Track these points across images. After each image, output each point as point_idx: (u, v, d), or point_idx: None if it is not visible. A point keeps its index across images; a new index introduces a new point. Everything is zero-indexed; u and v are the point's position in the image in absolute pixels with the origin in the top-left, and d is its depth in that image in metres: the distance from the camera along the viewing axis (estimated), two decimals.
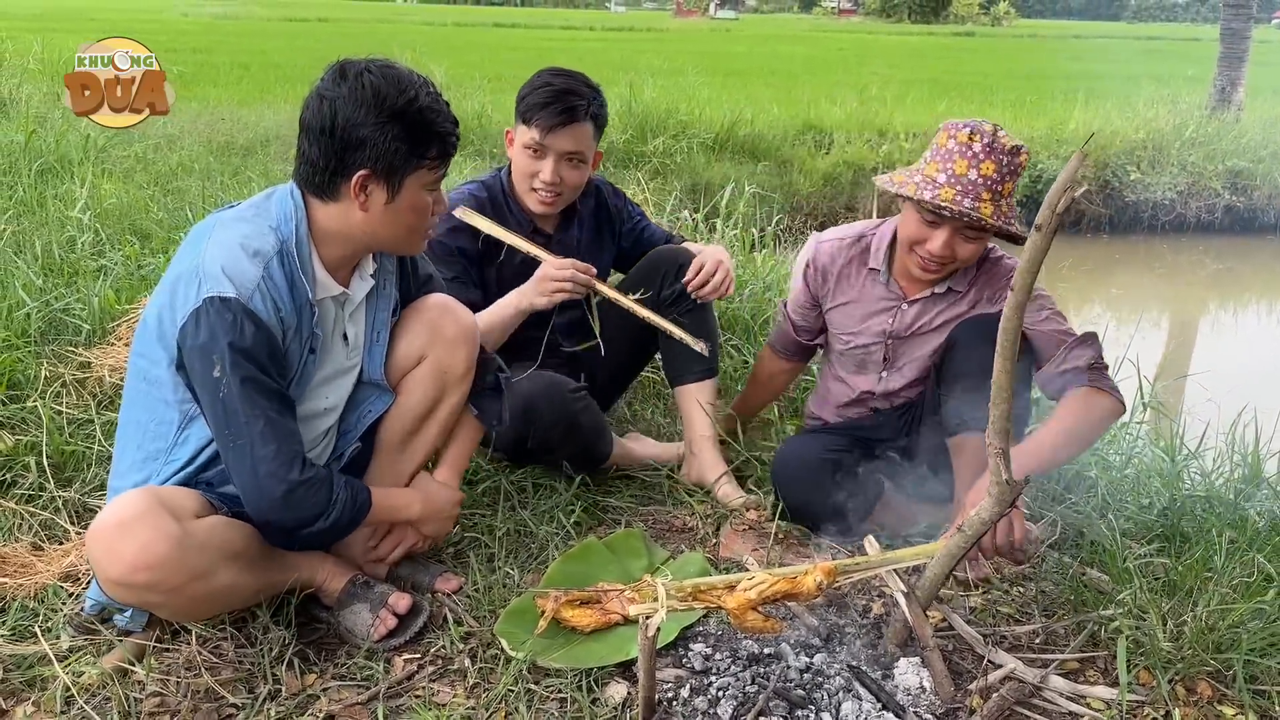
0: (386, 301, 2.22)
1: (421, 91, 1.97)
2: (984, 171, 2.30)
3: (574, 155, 2.73)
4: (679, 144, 9.23)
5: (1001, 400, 1.76)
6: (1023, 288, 1.67)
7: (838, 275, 2.69)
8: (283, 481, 1.88)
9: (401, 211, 2.00)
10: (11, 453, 2.66)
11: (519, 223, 2.82)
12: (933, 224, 2.39)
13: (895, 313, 2.62)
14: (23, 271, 3.64)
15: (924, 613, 2.00)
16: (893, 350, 2.65)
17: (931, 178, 2.35)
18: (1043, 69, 23.69)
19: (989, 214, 2.30)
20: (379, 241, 2.06)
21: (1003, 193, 2.33)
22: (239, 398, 1.86)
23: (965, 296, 2.57)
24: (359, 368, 2.20)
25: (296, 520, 1.93)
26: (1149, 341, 7.30)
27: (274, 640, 2.03)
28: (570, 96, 2.67)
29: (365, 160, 1.93)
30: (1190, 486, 2.98)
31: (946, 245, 2.38)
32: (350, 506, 1.99)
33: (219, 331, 1.85)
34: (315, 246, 2.02)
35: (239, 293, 1.87)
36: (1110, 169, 10.87)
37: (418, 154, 1.95)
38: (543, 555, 2.45)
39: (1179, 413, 3.72)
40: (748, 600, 1.91)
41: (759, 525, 2.67)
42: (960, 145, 2.33)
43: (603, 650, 2.05)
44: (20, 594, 2.19)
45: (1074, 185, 1.54)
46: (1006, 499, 1.85)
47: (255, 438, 1.87)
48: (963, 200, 2.30)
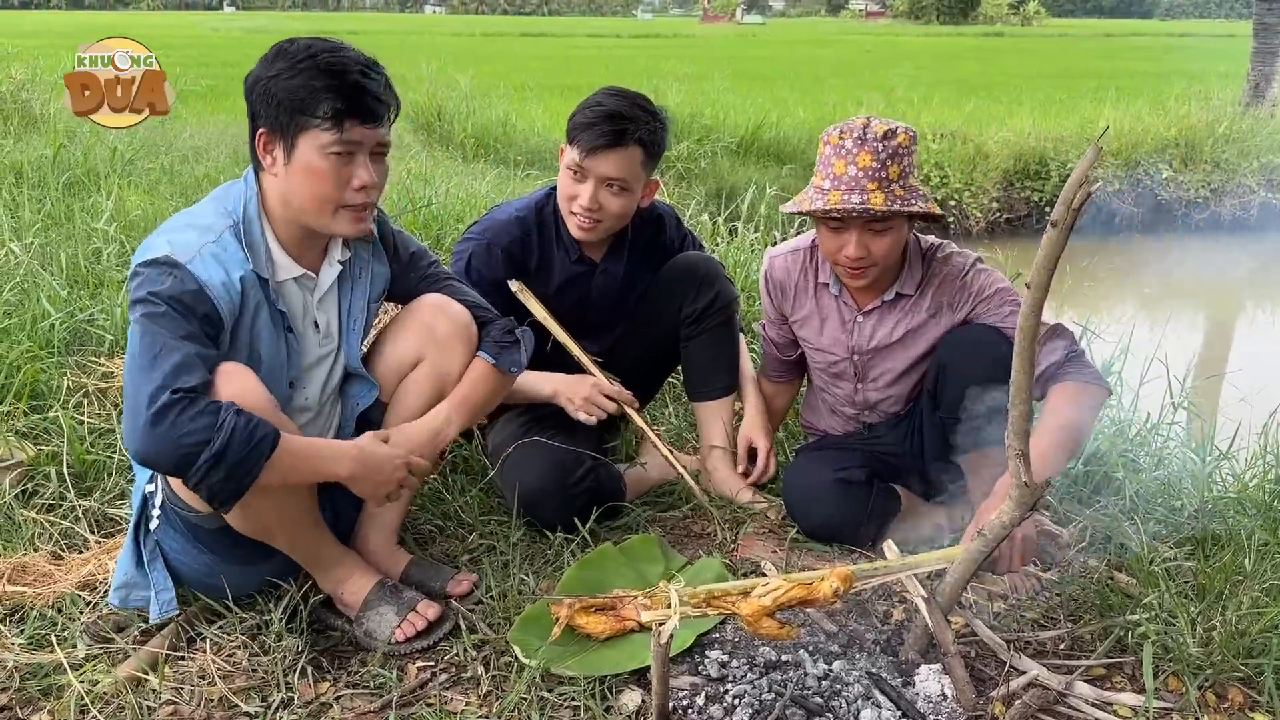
0: (362, 289, 2.19)
1: (328, 53, 1.90)
2: (861, 164, 2.28)
3: (615, 182, 2.56)
4: (703, 148, 9.21)
5: (1020, 401, 1.72)
6: (1040, 284, 1.63)
7: (794, 289, 2.66)
8: (155, 399, 1.72)
9: (296, 174, 1.93)
10: (33, 462, 2.68)
11: (566, 249, 2.71)
12: (839, 230, 2.37)
13: (853, 327, 2.59)
14: (48, 283, 3.68)
15: (945, 618, 1.96)
16: (861, 366, 2.63)
17: (819, 186, 2.34)
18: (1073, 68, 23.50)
19: (879, 202, 2.27)
20: (294, 211, 1.98)
21: (889, 178, 2.29)
22: (138, 330, 1.81)
23: (920, 303, 2.52)
24: (336, 360, 2.18)
25: (174, 448, 1.72)
26: (1182, 341, 7.16)
27: (288, 648, 2.02)
28: (619, 119, 2.51)
29: (262, 117, 1.92)
30: (1222, 488, 2.92)
31: (859, 245, 2.35)
32: (244, 442, 1.76)
33: (141, 285, 1.84)
34: (269, 225, 2.01)
35: (174, 253, 1.86)
36: (1142, 167, 10.72)
37: (305, 111, 1.87)
38: (558, 561, 2.43)
39: (1212, 413, 3.64)
40: (762, 607, 1.87)
41: (778, 528, 2.63)
42: (834, 147, 2.32)
43: (617, 657, 2.02)
44: (39, 603, 2.20)
45: (1089, 181, 1.50)
46: (1027, 502, 1.81)
47: (138, 363, 1.77)
48: (850, 197, 2.27)
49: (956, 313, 2.48)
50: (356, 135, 1.92)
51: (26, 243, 4.17)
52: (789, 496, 2.64)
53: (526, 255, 2.66)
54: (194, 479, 1.76)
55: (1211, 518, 2.62)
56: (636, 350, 2.88)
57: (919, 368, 2.57)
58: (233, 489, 1.79)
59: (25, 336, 3.21)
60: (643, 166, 2.60)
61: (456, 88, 10.79)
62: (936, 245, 2.55)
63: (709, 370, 2.83)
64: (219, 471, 1.75)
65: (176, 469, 1.76)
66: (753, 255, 4.78)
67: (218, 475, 1.76)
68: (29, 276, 3.75)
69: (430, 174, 6.75)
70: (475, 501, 2.65)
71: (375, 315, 2.29)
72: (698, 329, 2.80)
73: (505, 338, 2.29)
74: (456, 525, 2.60)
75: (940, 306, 2.50)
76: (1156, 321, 7.39)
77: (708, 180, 8.65)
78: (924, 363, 2.56)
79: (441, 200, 5.44)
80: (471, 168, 7.99)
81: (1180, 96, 13.03)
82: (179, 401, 1.73)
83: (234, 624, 2.09)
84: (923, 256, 2.53)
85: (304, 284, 2.09)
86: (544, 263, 2.69)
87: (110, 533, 2.53)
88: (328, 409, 2.23)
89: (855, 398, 2.68)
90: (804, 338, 2.70)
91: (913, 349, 2.55)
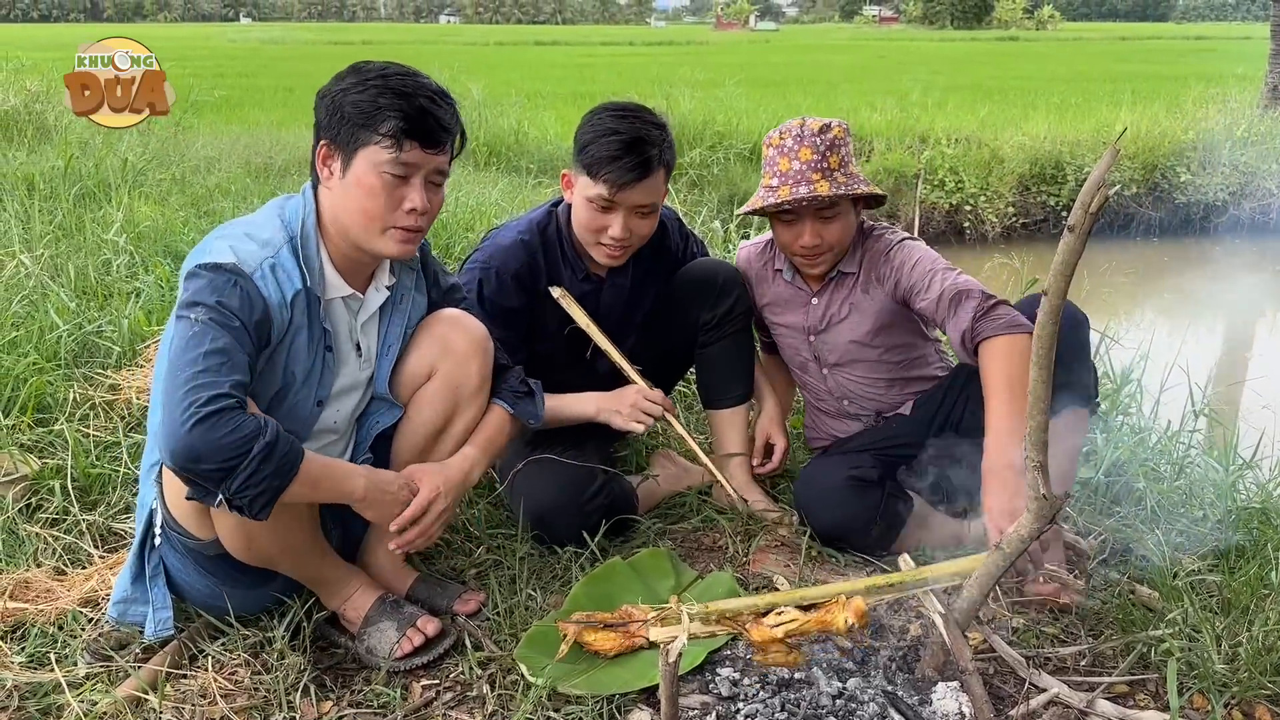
0: (401, 316, 2.18)
1: (400, 75, 1.91)
2: (803, 158, 2.47)
3: (646, 208, 2.52)
4: (715, 155, 9.19)
5: (1038, 411, 1.67)
6: (1058, 291, 1.58)
7: (756, 279, 2.84)
8: (202, 407, 1.69)
9: (350, 187, 1.92)
10: (38, 476, 2.65)
11: (572, 267, 2.66)
12: (791, 223, 2.55)
13: (806, 308, 2.73)
14: (56, 295, 3.67)
15: (963, 635, 1.91)
16: (818, 348, 2.75)
17: (768, 185, 2.53)
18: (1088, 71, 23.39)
19: (826, 190, 2.44)
20: (342, 226, 1.97)
21: (830, 167, 2.47)
22: (197, 331, 1.77)
23: (857, 278, 2.65)
24: (368, 386, 2.16)
25: (220, 449, 1.69)
26: (1202, 347, 7.08)
27: (290, 667, 1.99)
28: (642, 147, 2.42)
29: (325, 129, 1.93)
30: (1246, 498, 2.85)
31: (813, 234, 2.52)
32: (284, 450, 1.77)
33: (207, 289, 1.81)
34: (324, 241, 2.00)
35: (240, 262, 1.85)
36: (1159, 170, 10.65)
37: (368, 126, 1.88)
38: (566, 577, 2.39)
39: (1234, 420, 3.58)
40: (774, 636, 1.83)
41: (791, 541, 2.59)
42: (776, 148, 2.52)
43: (626, 676, 1.98)
44: (40, 619, 2.17)
45: (1106, 184, 1.45)
46: (1046, 514, 1.76)
47: (196, 365, 1.74)
48: (798, 189, 2.45)
49: (884, 285, 2.60)
50: (414, 157, 1.91)
51: (37, 254, 4.17)
52: (801, 496, 2.62)
53: (535, 278, 2.62)
54: (237, 480, 1.72)
55: (1235, 529, 2.56)
56: (651, 356, 2.85)
57: (870, 348, 2.68)
58: (267, 498, 1.77)
59: (32, 349, 3.20)
60: (664, 186, 2.58)
61: (469, 96, 10.80)
62: (871, 227, 2.70)
63: (727, 377, 2.81)
64: (259, 477, 1.73)
65: (219, 470, 1.71)
66: None
67: (257, 481, 1.73)
68: (38, 288, 3.75)
69: None
70: (482, 515, 2.62)
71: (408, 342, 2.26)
72: (716, 335, 2.79)
73: (520, 387, 2.32)
74: (464, 539, 2.56)
75: (871, 281, 2.63)
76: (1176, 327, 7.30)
77: (720, 187, 8.63)
78: (874, 342, 2.66)
79: (451, 209, 5.42)
80: (482, 176, 7.98)
81: (1198, 99, 12.95)
82: (231, 407, 1.72)
83: (236, 641, 2.05)
84: (861, 236, 2.68)
85: (350, 305, 2.08)
86: (552, 283, 2.65)
87: (114, 547, 2.50)
88: (349, 431, 2.21)
89: (825, 384, 2.79)
90: (771, 323, 2.87)
91: (859, 326, 2.66)
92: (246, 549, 1.93)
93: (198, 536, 1.93)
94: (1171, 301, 8.78)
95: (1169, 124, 11.55)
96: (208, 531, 1.92)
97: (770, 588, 2.36)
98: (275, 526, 1.88)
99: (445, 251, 4.66)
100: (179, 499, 1.85)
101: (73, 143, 6.65)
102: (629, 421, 2.61)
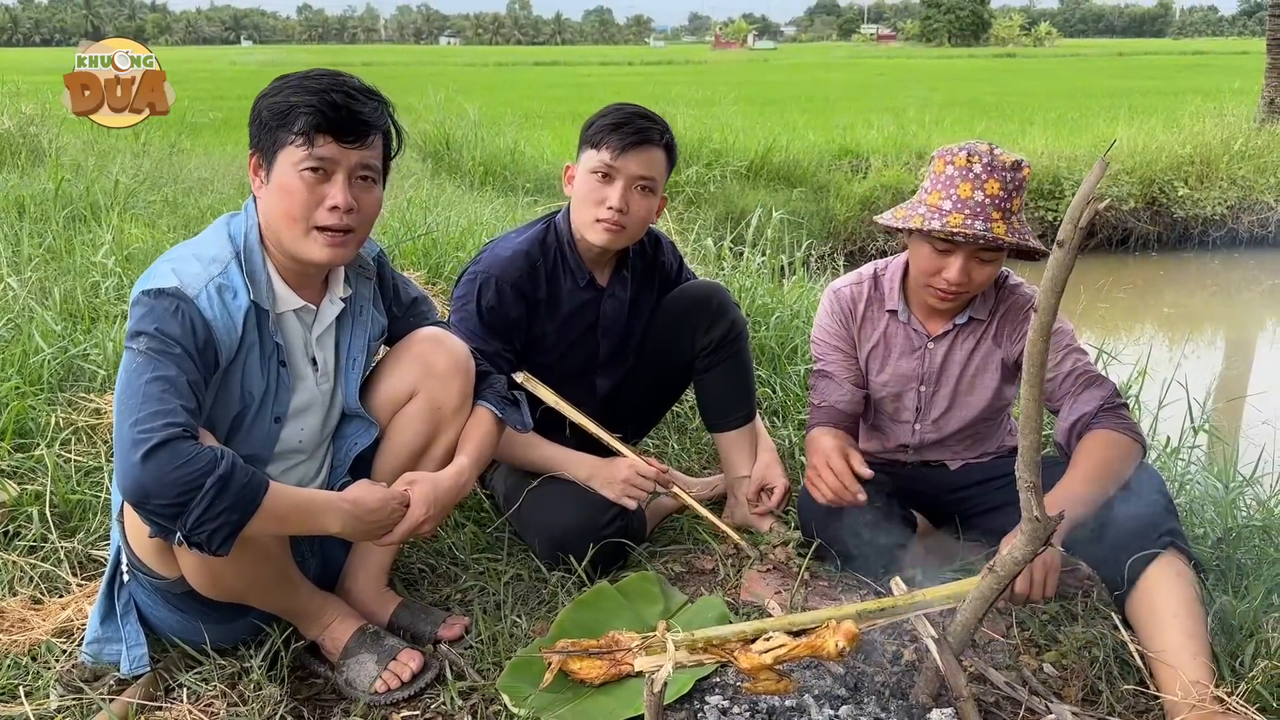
0: (362, 329, 2.13)
1: (318, 76, 1.88)
2: (989, 191, 2.23)
3: (646, 181, 2.53)
4: (712, 172, 9.17)
5: (1030, 430, 1.63)
6: (1047, 308, 1.54)
7: (861, 318, 2.58)
8: (145, 440, 1.63)
9: (274, 191, 1.88)
10: (15, 503, 2.60)
11: (574, 275, 2.64)
12: (946, 252, 2.30)
13: (923, 354, 2.53)
14: (41, 318, 3.63)
15: (957, 660, 1.86)
16: (926, 397, 2.56)
17: (936, 206, 2.27)
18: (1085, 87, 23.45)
19: (1002, 232, 2.22)
20: (274, 234, 1.93)
21: (1012, 209, 2.25)
22: (140, 363, 1.73)
23: (989, 329, 2.48)
24: (334, 400, 2.12)
25: (170, 485, 1.62)
26: (1202, 362, 7.05)
27: (266, 698, 1.93)
28: (642, 120, 2.53)
29: (252, 139, 1.92)
30: (1246, 515, 2.80)
31: (963, 271, 2.29)
32: (241, 483, 1.68)
33: (147, 317, 1.77)
34: (268, 253, 1.96)
35: (182, 285, 1.81)
36: (1157, 185, 10.63)
37: (283, 126, 1.84)
38: (553, 602, 2.34)
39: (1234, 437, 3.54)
40: (762, 663, 1.78)
41: (784, 566, 2.53)
42: (960, 169, 2.25)
43: (612, 705, 1.93)
44: (13, 650, 2.12)
45: (1095, 198, 1.41)
46: (1040, 536, 1.71)
47: (138, 397, 1.68)
48: (974, 223, 2.22)
49: (1013, 346, 2.45)
50: (329, 152, 1.86)
51: (25, 277, 4.13)
52: (804, 504, 2.53)
53: (535, 287, 2.60)
54: (192, 515, 1.64)
55: (1237, 546, 2.51)
56: (646, 381, 2.84)
57: (978, 404, 2.53)
58: (226, 533, 1.68)
59: (15, 372, 3.15)
60: (665, 171, 2.59)
61: (465, 117, 10.80)
62: (1006, 273, 2.51)
63: (730, 400, 2.77)
64: (215, 511, 1.65)
65: (171, 506, 1.63)
66: (758, 280, 4.70)
67: (213, 515, 1.65)
68: (24, 311, 3.71)
69: (434, 201, 6.72)
70: (467, 540, 2.57)
71: (375, 354, 2.22)
72: (714, 360, 2.75)
73: (507, 393, 2.28)
74: (449, 564, 2.51)
75: (1003, 334, 2.47)
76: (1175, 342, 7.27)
77: (717, 204, 8.61)
78: (987, 399, 2.51)
79: (442, 228, 5.39)
80: (477, 195, 7.96)
81: (1194, 114, 12.96)
82: (178, 438, 1.65)
83: (212, 672, 2.00)
84: (995, 283, 2.48)
85: (303, 317, 2.03)
86: (552, 293, 2.63)
87: (93, 575, 2.45)
88: (321, 451, 2.16)
89: (911, 439, 2.61)
90: (870, 368, 2.61)
91: (976, 379, 2.51)
92: (212, 586, 1.86)
93: (163, 575, 1.87)
94: (1170, 316, 8.74)
95: (1166, 139, 11.55)
96: (172, 569, 1.85)
97: (761, 614, 2.31)
98: (240, 562, 1.79)
99: (435, 271, 4.62)
100: (141, 537, 1.79)
101: (65, 165, 6.63)
102: (623, 497, 2.54)
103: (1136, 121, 13.25)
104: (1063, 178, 10.45)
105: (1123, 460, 2.18)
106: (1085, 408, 2.25)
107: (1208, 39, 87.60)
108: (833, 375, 2.59)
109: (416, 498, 2.01)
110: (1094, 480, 2.12)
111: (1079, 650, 2.16)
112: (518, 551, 2.54)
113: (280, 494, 1.78)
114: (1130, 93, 20.85)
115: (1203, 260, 10.48)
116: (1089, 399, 2.26)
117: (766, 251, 5.15)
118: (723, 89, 18.17)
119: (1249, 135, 11.67)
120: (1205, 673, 1.90)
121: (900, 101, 17.42)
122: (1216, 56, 45.72)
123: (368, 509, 1.93)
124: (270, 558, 1.92)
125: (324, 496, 1.91)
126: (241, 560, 1.78)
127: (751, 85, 24.90)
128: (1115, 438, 2.19)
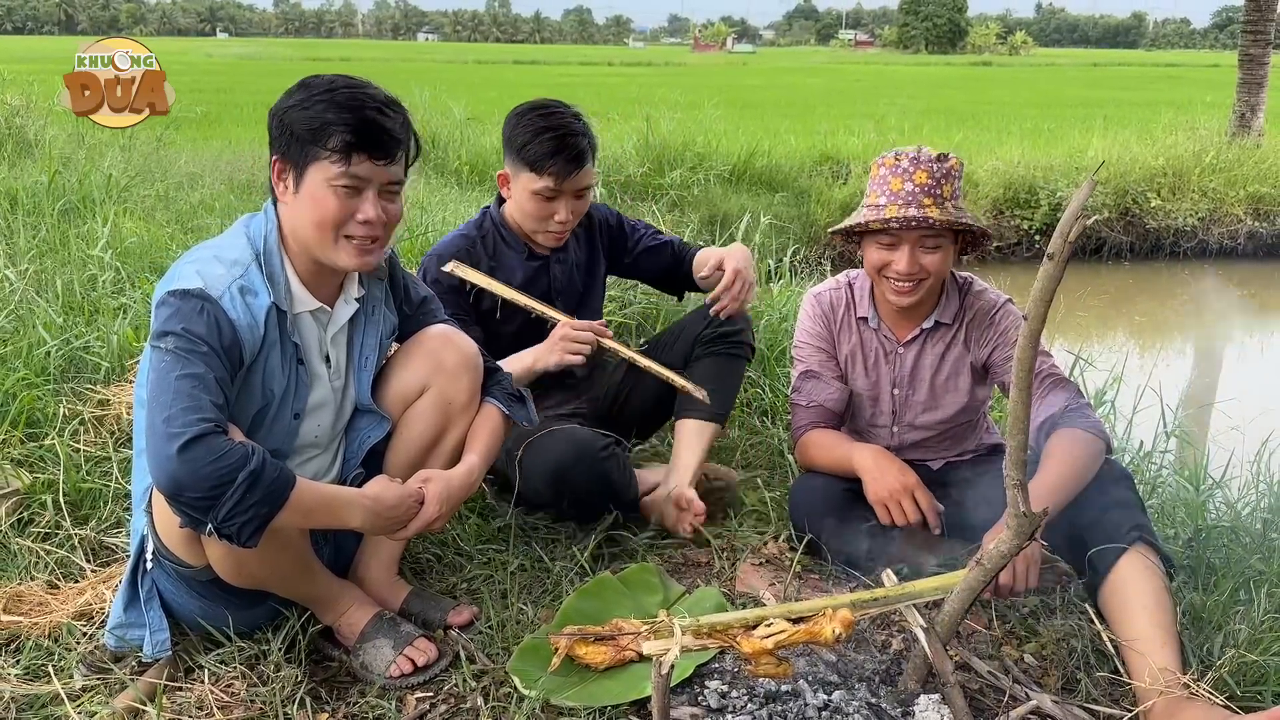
0: (374, 328, 2.20)
1: (347, 88, 1.92)
2: (918, 181, 2.40)
3: (586, 190, 2.81)
4: (696, 176, 9.25)
5: (1018, 431, 1.74)
6: (1037, 316, 1.65)
7: (839, 322, 2.73)
8: (180, 435, 1.70)
9: (304, 202, 1.94)
10: (29, 490, 2.67)
11: (515, 250, 2.87)
12: (891, 245, 2.47)
13: (895, 359, 2.67)
14: (44, 310, 3.68)
15: (944, 648, 1.96)
16: (900, 400, 2.69)
17: (874, 203, 2.46)
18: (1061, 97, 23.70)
19: (937, 214, 2.38)
20: (300, 241, 2.00)
21: (944, 195, 2.41)
22: (169, 360, 1.80)
23: (956, 332, 2.63)
24: (346, 396, 2.19)
25: (205, 477, 1.69)
26: (1172, 370, 7.21)
27: (286, 679, 2.01)
28: (573, 140, 2.70)
29: (276, 145, 1.96)
30: (1216, 516, 2.93)
31: (911, 260, 2.45)
32: (264, 483, 1.75)
33: (174, 317, 1.83)
34: (287, 256, 2.03)
35: (207, 287, 1.87)
36: (1130, 196, 10.81)
37: (316, 141, 1.89)
38: (557, 591, 2.43)
39: (1204, 441, 3.67)
40: (764, 647, 1.88)
41: (778, 559, 2.64)
42: (890, 168, 2.44)
43: (617, 688, 2.02)
44: (35, 633, 2.19)
45: (1085, 213, 1.52)
46: (1025, 531, 1.82)
47: (170, 393, 1.75)
48: (907, 209, 2.39)
49: (981, 349, 2.59)
50: (364, 170, 1.93)
51: (22, 269, 4.17)
52: (795, 499, 2.65)
53: (477, 261, 2.81)
54: (224, 508, 1.72)
55: (1207, 547, 2.63)
56: (651, 382, 2.89)
57: (950, 406, 2.65)
58: (255, 526, 1.76)
59: (21, 364, 3.20)
60: (594, 164, 2.83)
61: (450, 116, 10.84)
62: (970, 279, 2.66)
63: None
64: (246, 504, 1.73)
65: (204, 499, 1.71)
66: None
67: (244, 508, 1.73)
68: (24, 303, 3.75)
69: (426, 201, 6.78)
70: (471, 531, 2.65)
71: (386, 352, 2.30)
72: (708, 350, 2.87)
73: (513, 390, 2.37)
74: (454, 554, 2.60)
75: (970, 338, 2.60)
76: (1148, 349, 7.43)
77: (700, 208, 8.69)
78: (958, 401, 2.64)
79: (439, 228, 5.46)
80: (465, 195, 8.01)
81: (1168, 126, 13.17)
82: (211, 433, 1.73)
83: (232, 654, 2.07)
84: (959, 289, 2.63)
85: (319, 318, 2.10)
86: (499, 267, 2.84)
87: (106, 561, 2.52)
88: (335, 444, 2.24)
89: (892, 440, 2.73)
90: (846, 373, 2.74)
91: (948, 382, 2.64)
92: (237, 574, 1.94)
93: (189, 563, 1.94)
94: (1141, 324, 8.92)
95: (1140, 150, 11.73)
96: (199, 558, 1.92)
97: (756, 605, 2.41)
98: (265, 552, 1.86)
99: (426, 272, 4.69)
100: (169, 527, 1.86)
101: (55, 157, 6.63)
102: (564, 355, 2.68)
103: (1111, 133, 13.44)
104: (1038, 187, 10.61)
105: (1091, 457, 2.32)
106: (1052, 408, 2.39)
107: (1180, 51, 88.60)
108: (820, 375, 2.71)
109: (431, 496, 2.09)
110: (1065, 476, 2.26)
111: (1058, 642, 2.27)
112: (522, 543, 2.62)
113: (306, 489, 1.86)
114: (1105, 103, 21.14)
115: (1173, 270, 10.67)
116: (1054, 400, 2.40)
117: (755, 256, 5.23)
118: (704, 92, 18.27)
119: (1220, 148, 11.87)
120: (1174, 660, 2.01)
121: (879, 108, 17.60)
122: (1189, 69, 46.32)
123: (387, 505, 2.00)
124: (292, 547, 2.00)
125: (346, 493, 1.98)
126: (265, 550, 1.85)
127: (732, 89, 25.03)
128: (1082, 435, 2.33)
